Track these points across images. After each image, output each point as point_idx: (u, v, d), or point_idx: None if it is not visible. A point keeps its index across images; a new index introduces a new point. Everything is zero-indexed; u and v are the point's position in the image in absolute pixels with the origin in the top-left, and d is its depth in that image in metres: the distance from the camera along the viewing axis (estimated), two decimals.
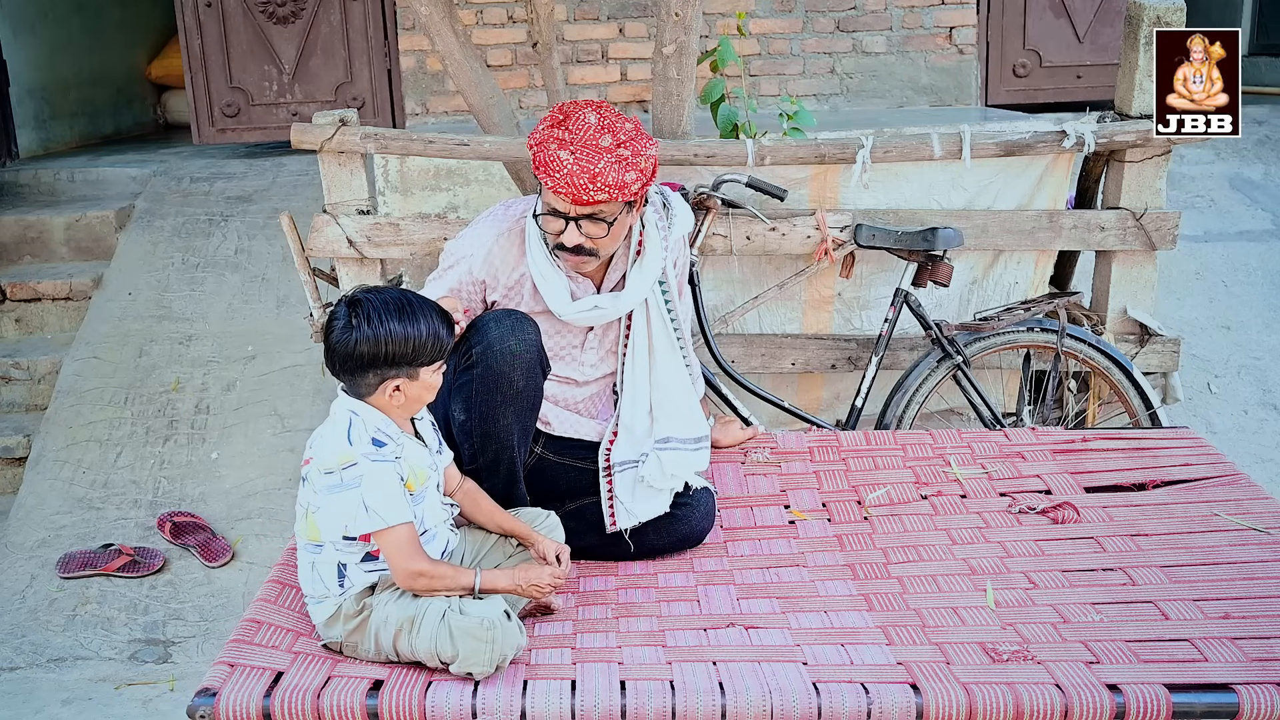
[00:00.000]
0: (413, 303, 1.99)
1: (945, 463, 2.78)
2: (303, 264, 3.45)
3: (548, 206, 2.33)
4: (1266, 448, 3.95)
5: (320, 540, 1.99)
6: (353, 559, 1.98)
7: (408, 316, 1.96)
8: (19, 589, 3.63)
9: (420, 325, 1.96)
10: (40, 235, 5.08)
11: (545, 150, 2.27)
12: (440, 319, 2.01)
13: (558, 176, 2.24)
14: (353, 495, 1.91)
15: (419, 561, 1.94)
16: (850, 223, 3.34)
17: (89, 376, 4.31)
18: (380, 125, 5.44)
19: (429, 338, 1.97)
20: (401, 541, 1.92)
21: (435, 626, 1.89)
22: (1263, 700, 1.84)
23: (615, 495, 2.45)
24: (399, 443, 1.98)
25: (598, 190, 2.24)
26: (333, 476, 1.93)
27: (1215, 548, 2.37)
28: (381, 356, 1.94)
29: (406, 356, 1.96)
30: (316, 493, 1.96)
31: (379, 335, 1.93)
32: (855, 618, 2.13)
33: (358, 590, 1.98)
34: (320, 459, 1.96)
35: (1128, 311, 3.53)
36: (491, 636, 1.86)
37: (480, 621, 1.87)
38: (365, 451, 1.93)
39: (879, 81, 5.60)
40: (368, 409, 1.99)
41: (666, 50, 3.31)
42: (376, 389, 1.98)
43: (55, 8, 6.38)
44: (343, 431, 1.95)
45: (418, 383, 1.99)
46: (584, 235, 2.32)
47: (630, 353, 2.52)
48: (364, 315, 1.94)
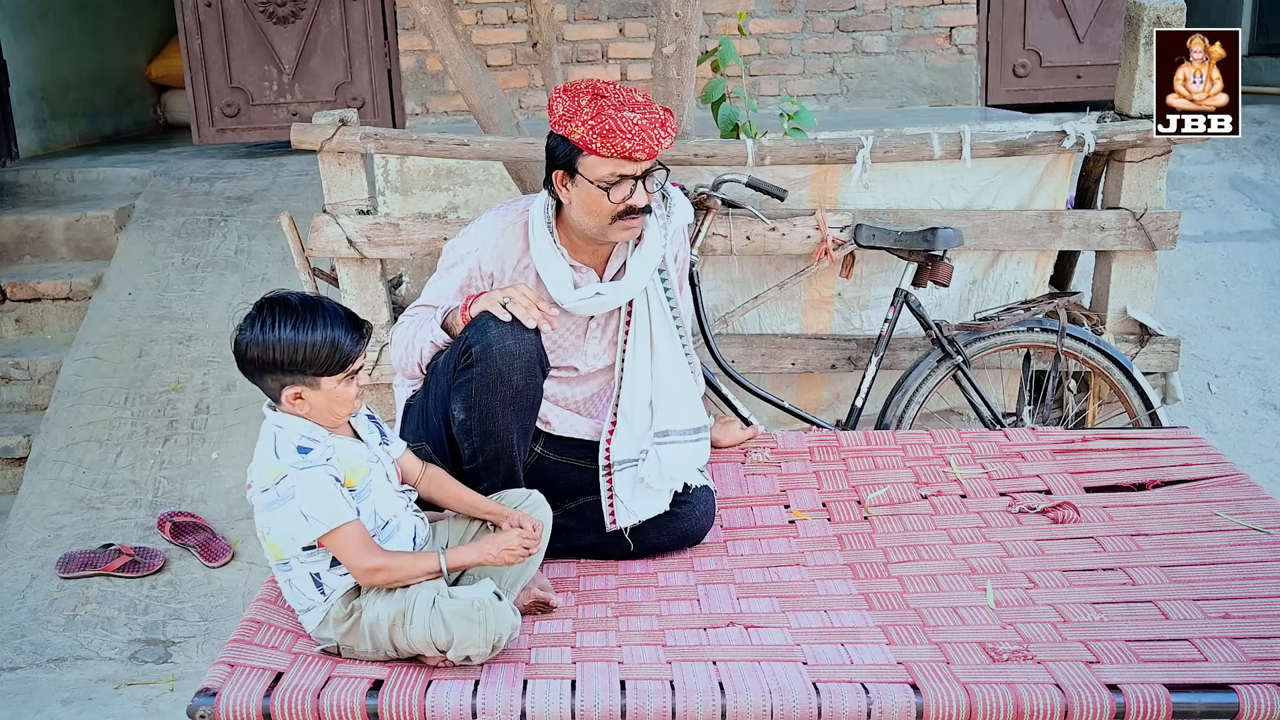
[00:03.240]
0: (317, 309, 1.92)
1: (945, 463, 2.78)
2: (303, 264, 3.45)
3: (612, 177, 2.32)
4: (1266, 448, 3.95)
5: (284, 559, 1.98)
6: (323, 567, 1.97)
7: (304, 323, 1.89)
8: (19, 589, 3.63)
9: (315, 333, 1.89)
10: (40, 235, 5.08)
11: (608, 119, 2.27)
12: (346, 328, 1.93)
13: (634, 135, 2.27)
14: (291, 507, 1.89)
15: (373, 557, 1.92)
16: (850, 223, 3.34)
17: (89, 376, 4.31)
18: (380, 125, 5.44)
19: (324, 347, 1.90)
20: (351, 541, 1.90)
21: (427, 614, 1.88)
22: (1263, 700, 1.84)
23: (615, 494, 2.46)
24: (327, 444, 1.95)
25: (667, 136, 2.33)
26: (269, 494, 1.91)
27: (1215, 548, 2.37)
28: (271, 362, 1.91)
29: (298, 364, 1.90)
30: (261, 514, 1.96)
31: (268, 341, 1.89)
32: (855, 617, 2.13)
33: (341, 594, 1.97)
34: (256, 480, 1.95)
35: (1128, 311, 3.53)
36: (483, 617, 1.86)
37: (471, 603, 1.87)
38: (292, 461, 1.91)
39: (879, 81, 5.61)
40: (290, 419, 1.96)
41: (666, 50, 3.31)
42: (279, 395, 1.95)
43: (55, 8, 6.38)
44: (269, 447, 1.94)
45: (320, 393, 1.93)
46: (648, 191, 2.38)
47: (631, 342, 2.53)
48: (262, 319, 1.91)
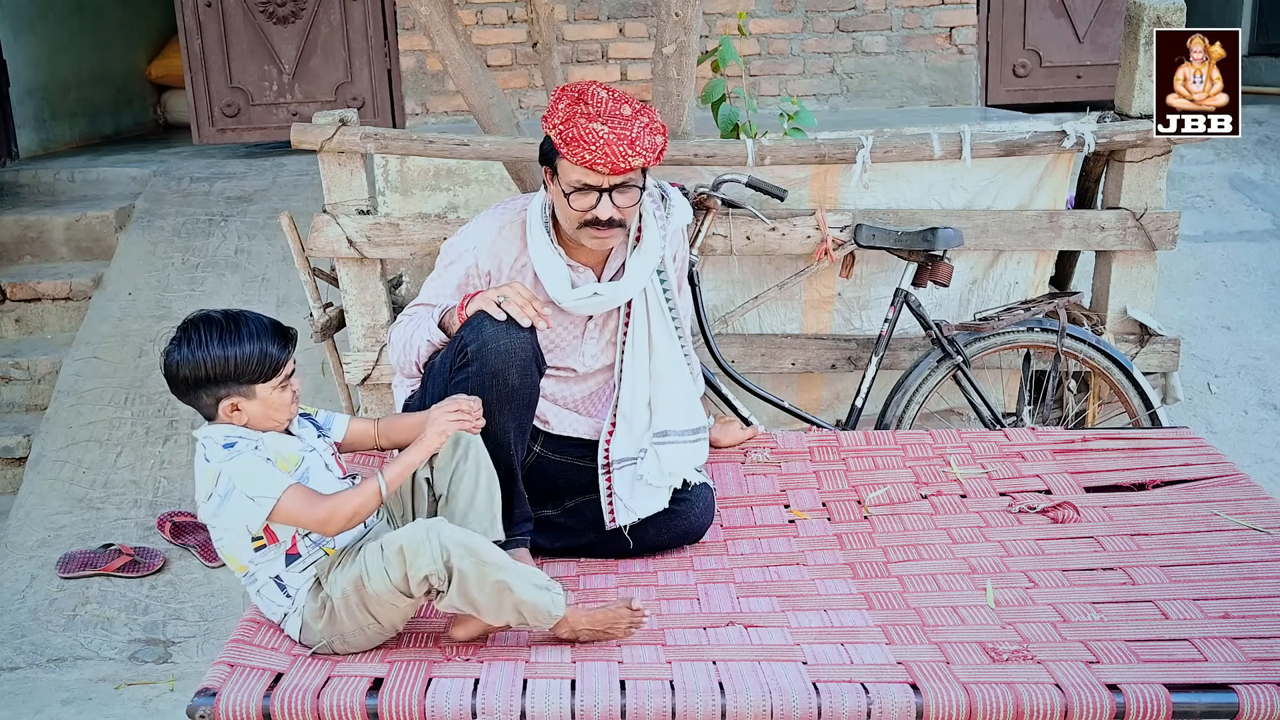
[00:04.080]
0: (240, 323, 1.98)
1: (945, 463, 2.78)
2: (303, 264, 3.45)
3: (578, 184, 2.32)
4: (1266, 448, 3.95)
5: (245, 567, 2.01)
6: (280, 567, 2.00)
7: (231, 337, 1.95)
8: (19, 589, 3.63)
9: (244, 346, 1.96)
10: (40, 235, 5.08)
11: (576, 126, 2.27)
12: (272, 337, 2.00)
13: (596, 148, 2.25)
14: (235, 498, 1.92)
15: (322, 505, 1.94)
16: (850, 223, 3.34)
17: (89, 376, 4.31)
18: (380, 125, 5.44)
19: (254, 356, 1.96)
20: (297, 502, 1.93)
21: (378, 560, 1.91)
22: (1263, 700, 1.84)
23: (614, 492, 2.46)
24: (251, 439, 1.98)
25: (636, 155, 2.27)
26: (213, 499, 1.94)
27: (1215, 547, 2.37)
28: (205, 378, 1.95)
29: (231, 376, 1.96)
30: (213, 525, 1.98)
31: (199, 358, 1.94)
32: (855, 617, 2.13)
33: (306, 591, 1.99)
34: (199, 496, 1.98)
35: (1128, 311, 3.53)
36: (425, 533, 1.89)
37: (411, 527, 1.92)
38: (221, 458, 1.94)
39: (879, 81, 5.61)
40: (213, 428, 2.00)
41: (666, 50, 3.31)
42: (216, 409, 1.99)
43: (55, 8, 6.38)
44: (201, 459, 1.98)
45: (256, 400, 1.99)
46: (615, 207, 2.34)
47: (630, 343, 2.52)
48: (189, 338, 1.96)
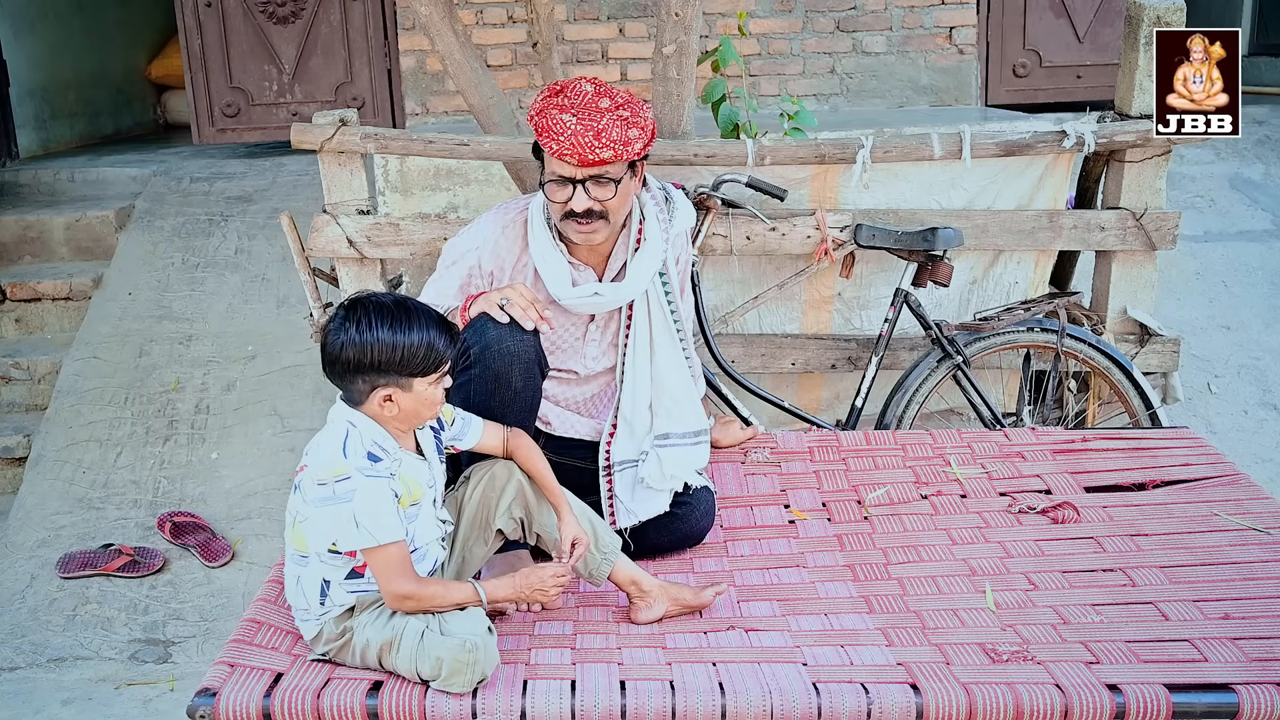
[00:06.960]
0: (411, 310, 1.91)
1: (945, 463, 2.78)
2: (303, 264, 3.45)
3: (554, 175, 2.34)
4: (1266, 448, 3.95)
5: (306, 551, 1.93)
6: (337, 575, 1.93)
7: (401, 324, 1.88)
8: (19, 589, 3.63)
9: (413, 334, 1.88)
10: (40, 235, 5.08)
11: (547, 116, 2.29)
12: (439, 330, 1.92)
13: (563, 139, 2.26)
14: (344, 510, 1.85)
15: (408, 583, 1.88)
16: (850, 223, 3.34)
17: (89, 376, 4.31)
18: (380, 125, 5.44)
19: (420, 348, 1.88)
20: (392, 561, 1.87)
21: (414, 648, 1.85)
22: (1263, 700, 1.84)
23: (615, 494, 2.46)
24: (395, 458, 1.92)
25: (603, 147, 2.27)
26: (325, 488, 1.87)
27: (1215, 548, 2.37)
28: (368, 363, 1.88)
29: (395, 365, 1.88)
30: (307, 502, 1.91)
31: (366, 341, 1.87)
32: (855, 620, 2.13)
33: (337, 613, 1.94)
34: (314, 468, 1.90)
35: (1128, 311, 3.53)
36: (472, 659, 1.82)
37: (462, 644, 1.82)
38: (359, 465, 1.87)
39: (879, 81, 5.60)
40: (365, 421, 1.93)
41: (666, 50, 3.31)
42: (368, 397, 1.91)
43: (55, 8, 6.38)
44: (338, 442, 1.90)
45: (411, 394, 1.91)
46: (592, 199, 2.34)
47: (631, 345, 2.52)
48: (356, 319, 1.88)
